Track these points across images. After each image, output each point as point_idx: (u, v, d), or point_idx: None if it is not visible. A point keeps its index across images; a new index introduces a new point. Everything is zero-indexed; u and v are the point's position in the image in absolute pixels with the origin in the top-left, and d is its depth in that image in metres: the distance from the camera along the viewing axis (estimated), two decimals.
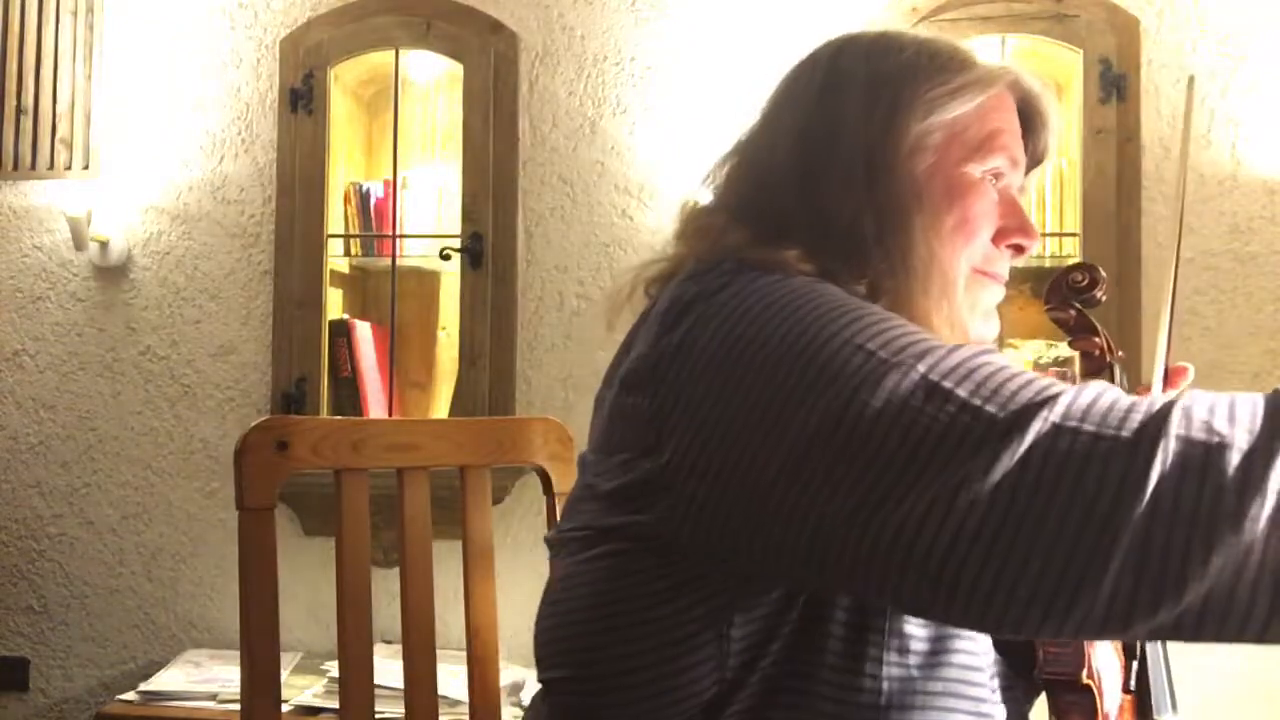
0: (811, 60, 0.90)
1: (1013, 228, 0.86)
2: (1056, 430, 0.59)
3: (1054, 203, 2.39)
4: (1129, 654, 0.98)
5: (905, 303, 0.79)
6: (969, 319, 0.86)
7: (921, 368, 0.65)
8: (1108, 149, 2.30)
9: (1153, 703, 0.96)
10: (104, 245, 2.60)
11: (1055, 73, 2.49)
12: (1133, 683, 0.97)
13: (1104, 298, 1.13)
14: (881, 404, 0.64)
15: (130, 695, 2.25)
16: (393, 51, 2.53)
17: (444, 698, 1.20)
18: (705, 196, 0.91)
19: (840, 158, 0.82)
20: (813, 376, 0.67)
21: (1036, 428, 0.59)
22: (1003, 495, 0.59)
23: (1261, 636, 0.56)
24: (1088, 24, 2.32)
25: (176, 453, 2.62)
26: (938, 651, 0.76)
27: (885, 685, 0.73)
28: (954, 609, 0.62)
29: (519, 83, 2.51)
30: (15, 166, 2.66)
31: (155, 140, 2.63)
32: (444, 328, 2.66)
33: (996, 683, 0.82)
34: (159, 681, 2.30)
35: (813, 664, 0.73)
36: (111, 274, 2.64)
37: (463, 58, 2.49)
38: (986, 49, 2.42)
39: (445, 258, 2.44)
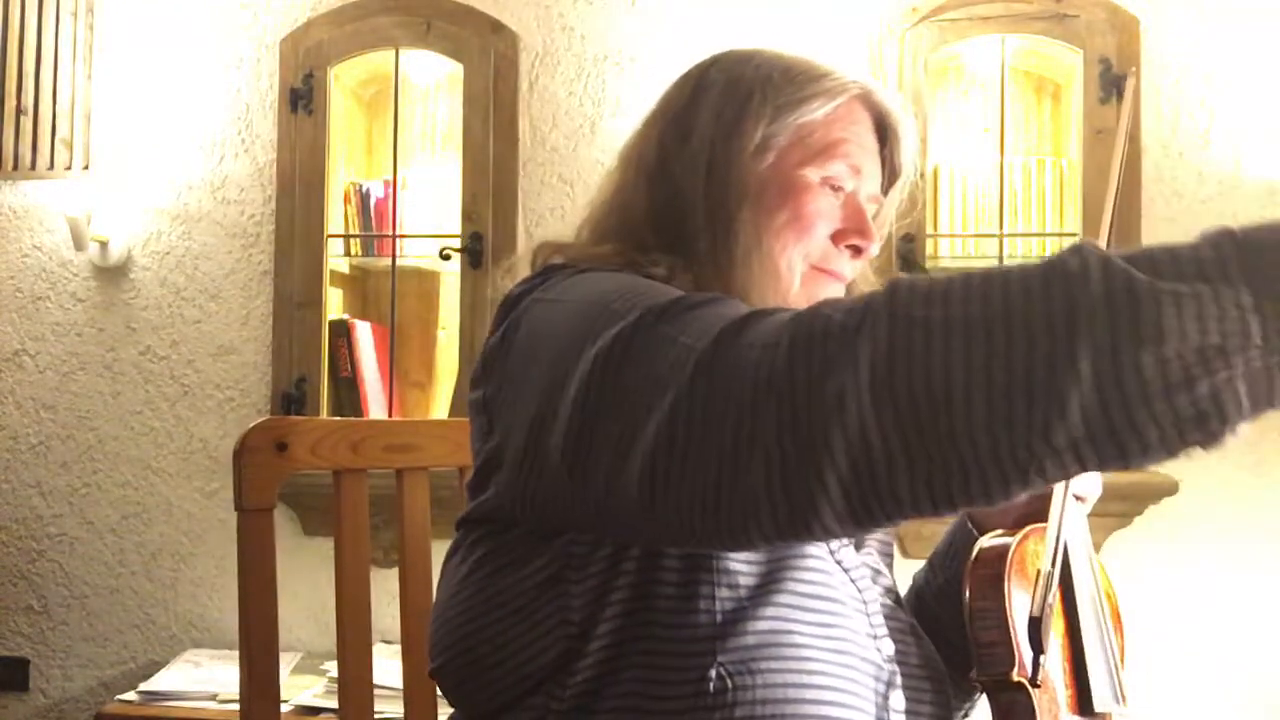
0: (686, 73, 0.96)
1: (850, 229, 0.92)
2: (715, 347, 0.64)
3: (1054, 203, 2.39)
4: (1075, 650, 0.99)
5: (729, 291, 0.84)
6: None
7: (641, 311, 0.70)
8: (1108, 149, 2.30)
9: (1094, 696, 0.96)
10: (104, 245, 2.60)
11: (1055, 73, 2.50)
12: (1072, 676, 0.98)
13: None
14: (604, 348, 0.70)
15: (130, 695, 2.25)
16: (393, 51, 2.52)
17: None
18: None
19: (686, 154, 0.90)
20: (576, 342, 0.73)
21: (709, 350, 0.64)
22: (680, 408, 0.64)
23: (909, 502, 0.58)
24: (1088, 24, 2.32)
25: (176, 453, 2.62)
26: (769, 583, 0.80)
27: (719, 617, 0.78)
28: (664, 530, 0.67)
29: (519, 83, 2.51)
30: (15, 166, 2.66)
31: (155, 140, 2.63)
32: (444, 328, 2.66)
33: (880, 620, 0.87)
34: (159, 681, 2.30)
35: (652, 610, 0.78)
36: (111, 274, 2.64)
37: (463, 58, 2.49)
38: (986, 49, 2.42)
39: (445, 258, 2.44)
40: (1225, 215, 2.31)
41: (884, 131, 0.95)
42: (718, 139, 0.89)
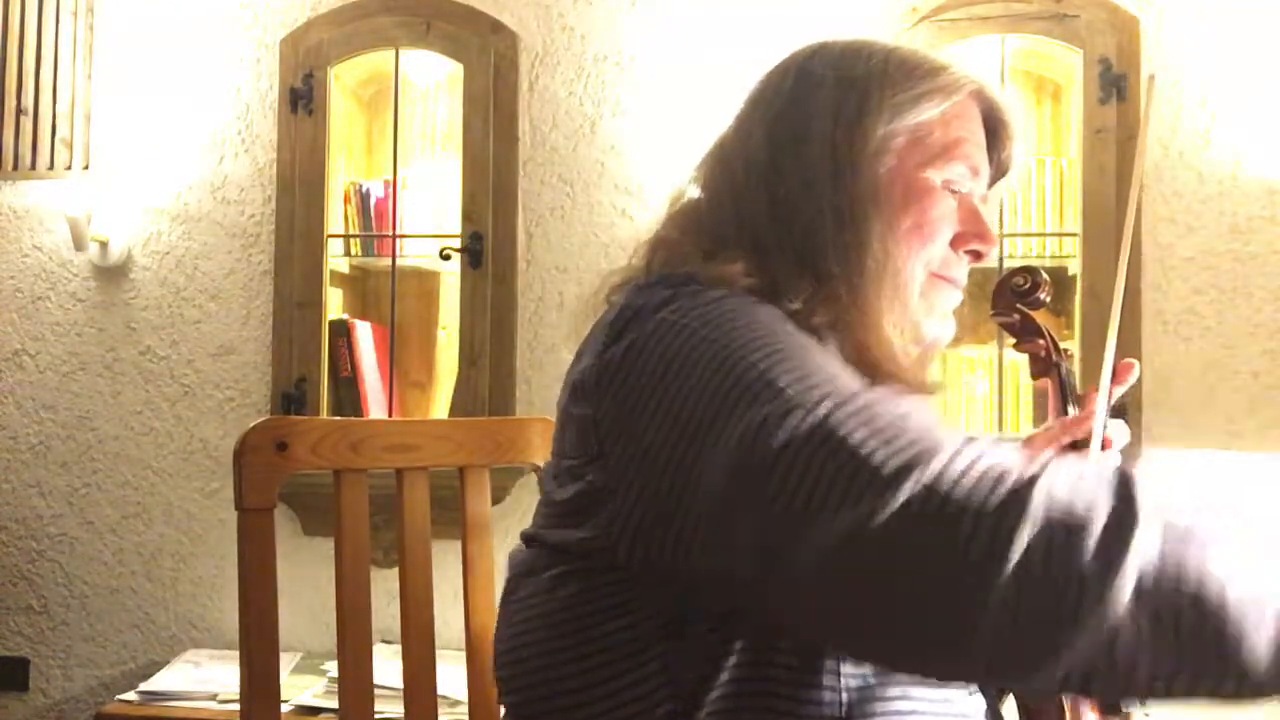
0: (784, 65, 0.91)
1: (970, 234, 0.88)
2: (928, 492, 0.61)
3: (1054, 203, 2.39)
4: None
5: (858, 304, 0.81)
6: (924, 322, 0.88)
7: (823, 410, 0.66)
8: (1108, 149, 2.30)
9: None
10: (104, 245, 2.60)
11: (1055, 73, 2.49)
12: None
13: (1047, 299, 1.15)
14: (780, 444, 0.65)
15: (130, 695, 2.25)
16: (393, 51, 2.53)
17: (444, 698, 1.20)
18: (692, 192, 0.93)
19: (806, 157, 0.84)
20: (728, 409, 0.69)
21: (909, 487, 0.61)
22: (873, 548, 0.61)
23: (1148, 696, 0.59)
24: (1088, 24, 2.32)
25: (176, 453, 2.62)
26: None
27: (844, 696, 0.75)
28: (844, 648, 0.69)
29: (519, 83, 2.51)
30: (15, 166, 2.66)
31: (155, 140, 2.63)
32: (444, 328, 2.66)
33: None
34: (159, 681, 2.30)
35: (770, 679, 0.74)
36: (111, 274, 2.64)
37: (463, 58, 2.49)
38: (986, 49, 2.42)
39: (445, 258, 2.44)
40: (1225, 215, 2.31)
41: (992, 126, 0.91)
42: (840, 141, 0.84)
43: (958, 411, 2.44)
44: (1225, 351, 2.30)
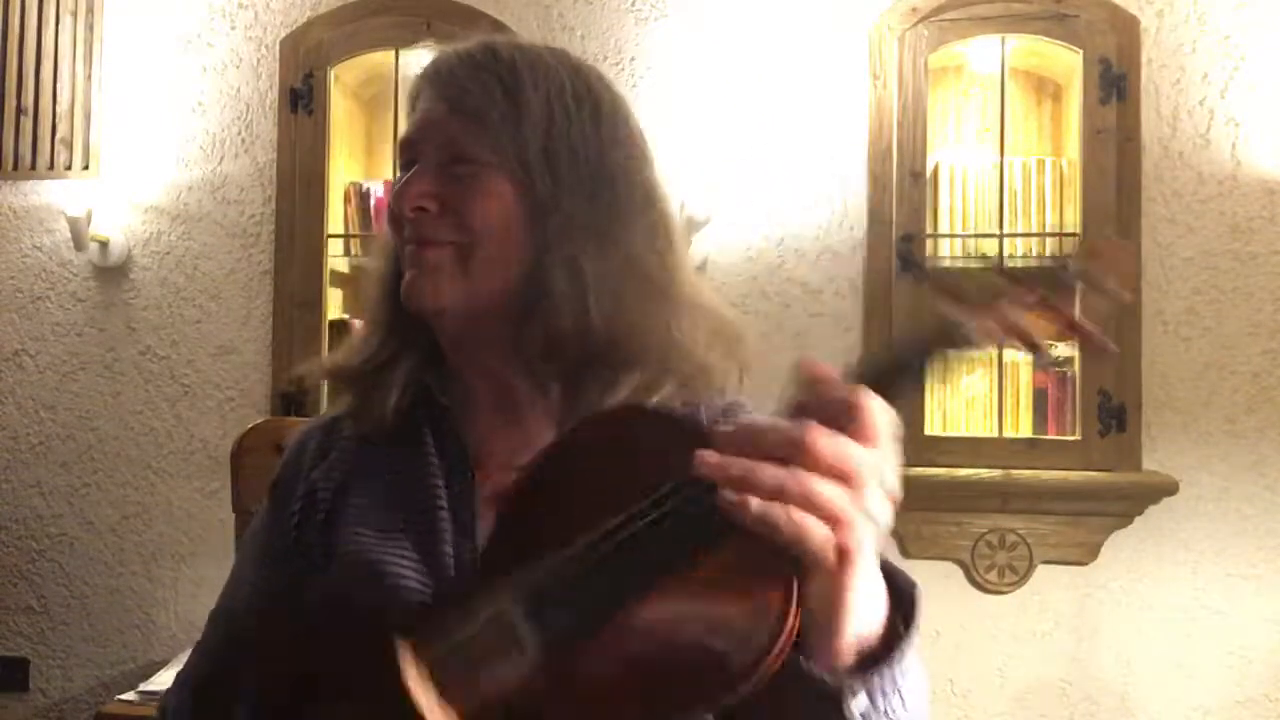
0: None
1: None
2: None
3: (1054, 202, 2.39)
4: None
5: None
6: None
7: None
8: (1108, 149, 2.30)
9: None
10: (104, 245, 2.60)
11: (1055, 73, 2.49)
12: None
13: None
14: None
15: (130, 695, 2.24)
16: (393, 51, 2.53)
17: None
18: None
19: None
20: None
21: None
22: None
23: None
24: (1088, 24, 2.31)
25: (176, 453, 2.62)
26: None
27: None
28: None
29: None
30: (15, 166, 2.66)
31: (155, 140, 2.63)
32: None
33: None
34: (159, 681, 2.30)
35: None
36: (111, 274, 2.64)
37: None
38: (986, 49, 2.42)
39: None
40: (1225, 215, 2.30)
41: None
42: None
43: (958, 412, 2.44)
44: (1225, 351, 2.30)
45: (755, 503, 0.55)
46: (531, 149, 0.82)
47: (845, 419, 0.57)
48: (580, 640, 0.61)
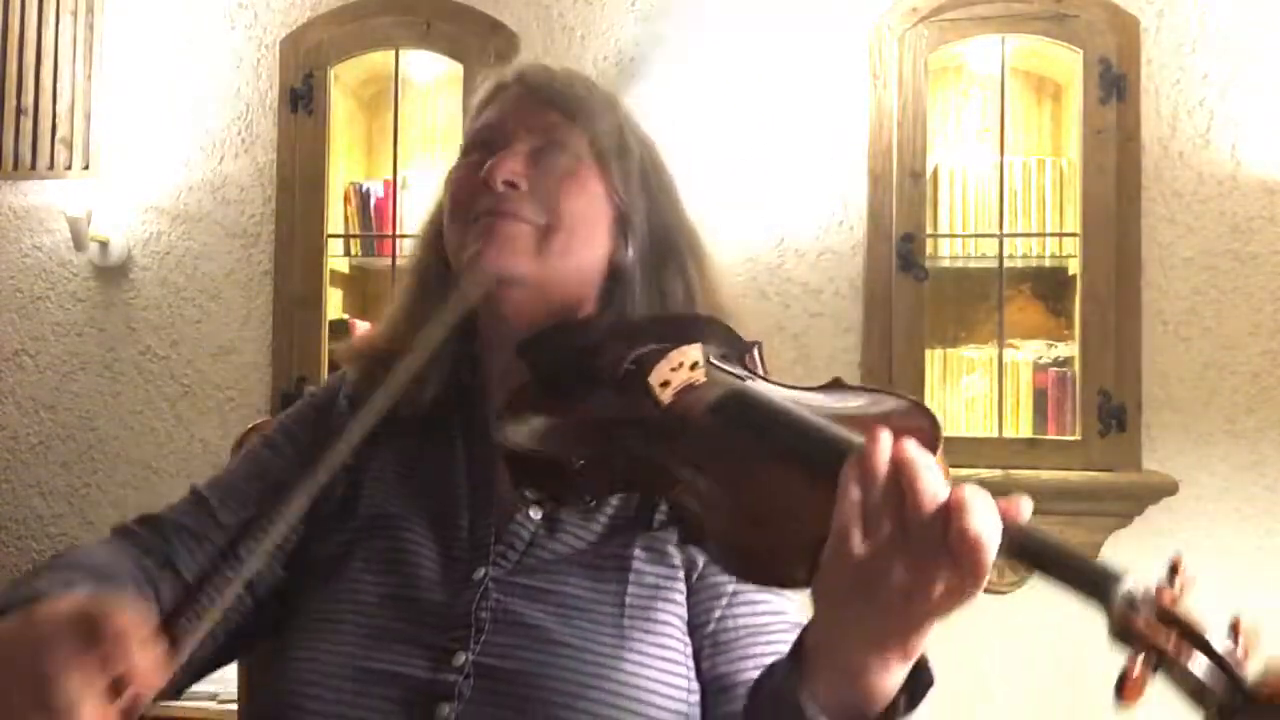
0: None
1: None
2: None
3: (1054, 202, 2.39)
4: None
5: None
6: None
7: None
8: (1108, 149, 2.30)
9: None
10: (104, 245, 2.60)
11: (1055, 73, 2.49)
12: None
13: None
14: None
15: None
16: (393, 51, 2.53)
17: None
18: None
19: None
20: None
21: None
22: None
23: None
24: (1088, 24, 2.31)
25: (176, 453, 2.62)
26: None
27: None
28: None
29: None
30: (15, 166, 2.66)
31: (155, 140, 2.63)
32: None
33: None
34: None
35: None
36: (111, 274, 2.64)
37: (463, 58, 2.49)
38: (986, 49, 2.42)
39: None
40: (1225, 215, 2.30)
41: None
42: None
43: (958, 412, 2.44)
44: (1225, 352, 2.30)
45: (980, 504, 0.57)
46: (628, 161, 0.87)
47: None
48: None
